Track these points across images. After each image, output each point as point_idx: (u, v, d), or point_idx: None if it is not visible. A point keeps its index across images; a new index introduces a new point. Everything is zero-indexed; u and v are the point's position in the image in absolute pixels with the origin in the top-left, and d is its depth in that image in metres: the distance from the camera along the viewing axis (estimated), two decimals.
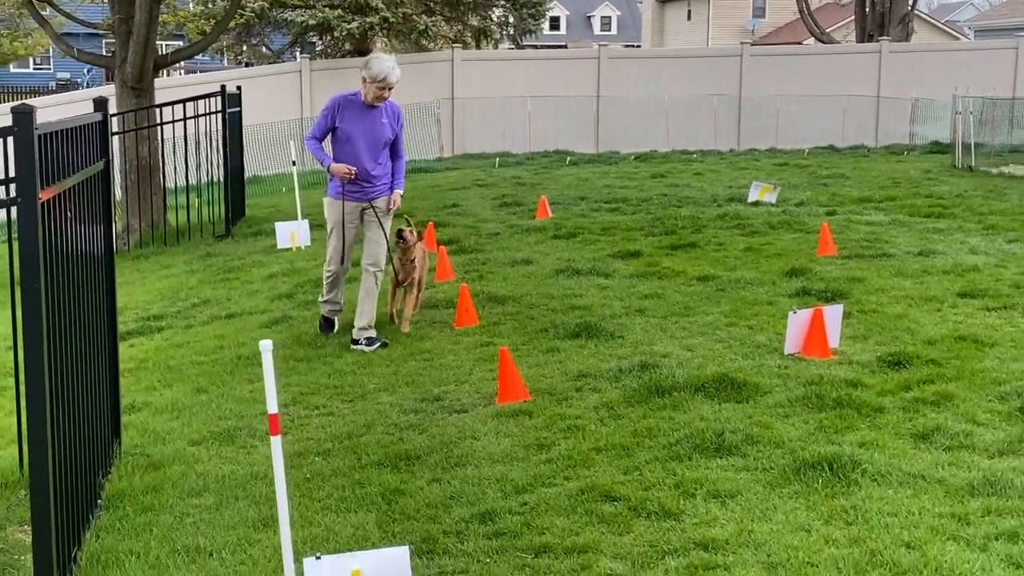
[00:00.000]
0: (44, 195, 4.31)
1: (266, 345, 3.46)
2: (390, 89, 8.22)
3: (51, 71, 58.30)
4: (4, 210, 5.15)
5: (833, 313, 7.63)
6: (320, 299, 9.12)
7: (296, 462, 6.02)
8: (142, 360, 8.75)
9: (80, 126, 5.42)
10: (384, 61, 8.25)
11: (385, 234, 8.64)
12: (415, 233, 9.03)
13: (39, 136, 4.24)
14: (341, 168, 8.30)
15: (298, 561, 4.16)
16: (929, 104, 26.88)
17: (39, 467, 4.26)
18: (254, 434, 6.68)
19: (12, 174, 4.30)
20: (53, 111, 15.40)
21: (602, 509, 5.12)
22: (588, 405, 6.69)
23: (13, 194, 4.36)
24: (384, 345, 8.44)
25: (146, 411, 7.39)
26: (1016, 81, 28.11)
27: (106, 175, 6.18)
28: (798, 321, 7.51)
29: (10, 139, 4.25)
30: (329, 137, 8.59)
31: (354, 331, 8.49)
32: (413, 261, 8.93)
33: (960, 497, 5.03)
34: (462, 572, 4.58)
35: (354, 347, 8.46)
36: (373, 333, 8.49)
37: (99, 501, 5.66)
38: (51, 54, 55.49)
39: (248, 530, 5.18)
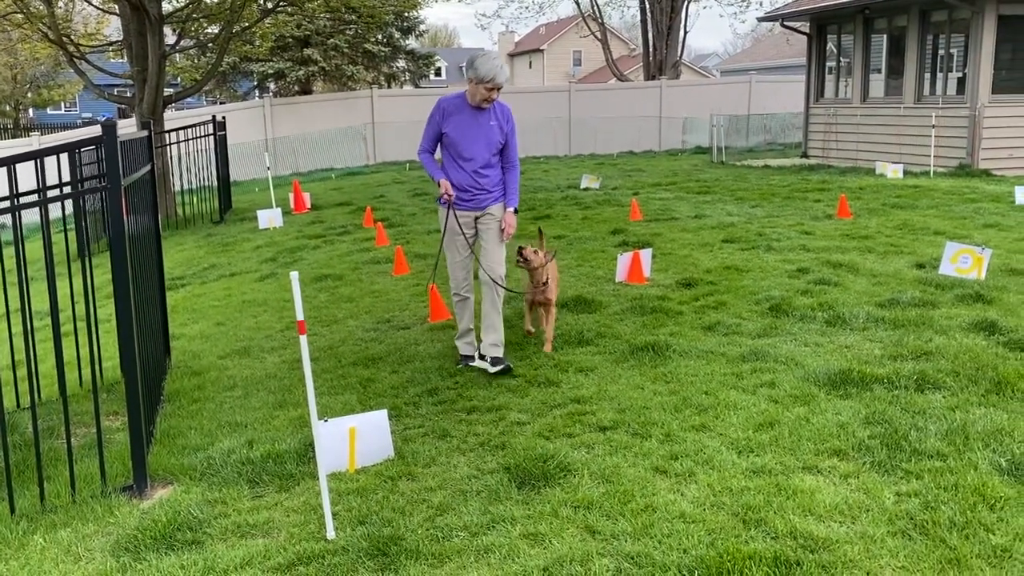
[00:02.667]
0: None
1: (294, 275, 3.52)
2: (498, 90, 5.39)
3: (77, 111, 55.59)
4: (59, 205, 5.05)
5: (646, 255, 7.86)
6: (456, 336, 5.88)
7: (296, 366, 6.05)
8: (173, 306, 8.58)
9: (137, 139, 5.36)
10: (491, 59, 5.35)
11: (500, 241, 5.68)
12: (540, 252, 5.92)
13: (120, 143, 4.23)
14: (444, 186, 5.46)
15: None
16: (694, 121, 27.44)
17: (131, 372, 4.25)
18: (263, 349, 6.64)
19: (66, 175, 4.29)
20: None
21: (508, 382, 5.26)
22: None
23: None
24: (508, 370, 5.41)
25: (183, 339, 7.30)
26: (750, 105, 28.90)
27: (152, 175, 6.10)
28: (623, 260, 7.75)
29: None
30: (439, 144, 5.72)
31: (482, 345, 5.62)
32: (546, 283, 5.88)
33: (736, 363, 5.31)
34: (420, 426, 4.69)
35: (473, 363, 5.63)
36: (501, 352, 5.51)
37: (162, 397, 5.65)
38: (77, 99, 52.95)
39: (269, 409, 5.21)
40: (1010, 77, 16.30)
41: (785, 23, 21.37)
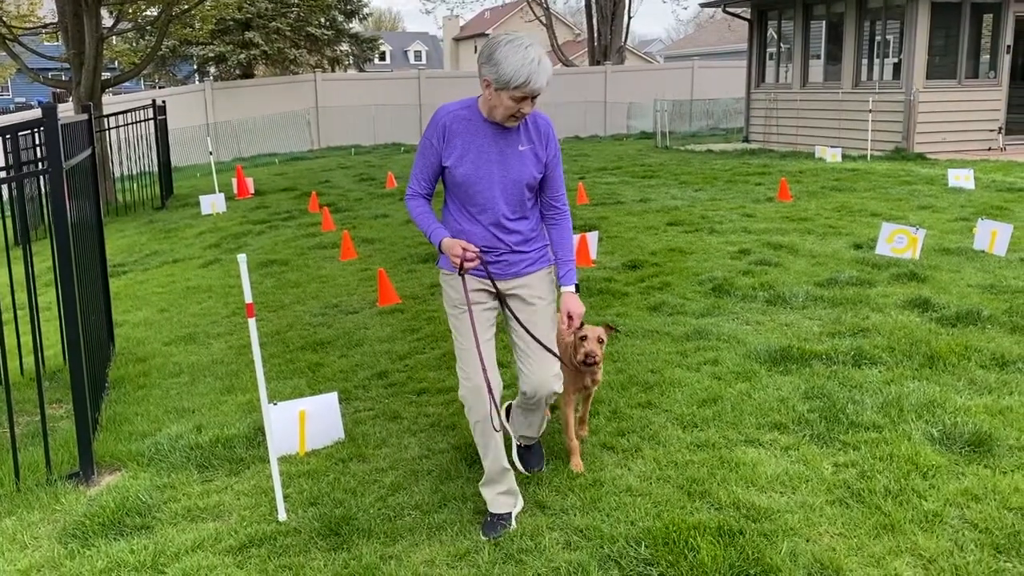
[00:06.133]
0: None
1: (242, 258, 3.49)
2: (534, 100, 3.14)
3: (10, 96, 53.93)
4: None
5: (592, 237, 7.95)
6: (484, 481, 3.46)
7: (243, 351, 6.01)
8: (116, 293, 8.41)
9: (76, 122, 5.25)
10: (520, 49, 3.11)
11: (551, 338, 3.45)
12: (595, 330, 3.73)
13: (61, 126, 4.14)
14: (453, 248, 3.19)
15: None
16: (639, 106, 27.67)
17: (75, 358, 4.19)
18: (208, 335, 6.57)
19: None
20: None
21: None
22: (440, 304, 6.77)
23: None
24: (540, 468, 3.80)
25: (126, 326, 7.17)
26: (693, 90, 29.22)
27: (93, 159, 5.98)
28: None
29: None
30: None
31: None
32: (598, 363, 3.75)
33: (681, 342, 5.42)
34: (371, 409, 4.70)
35: (511, 526, 3.34)
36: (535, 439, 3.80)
37: (107, 384, 5.57)
38: (9, 83, 51.30)
39: (217, 395, 5.18)
40: (943, 63, 16.75)
41: (727, 9, 21.62)
